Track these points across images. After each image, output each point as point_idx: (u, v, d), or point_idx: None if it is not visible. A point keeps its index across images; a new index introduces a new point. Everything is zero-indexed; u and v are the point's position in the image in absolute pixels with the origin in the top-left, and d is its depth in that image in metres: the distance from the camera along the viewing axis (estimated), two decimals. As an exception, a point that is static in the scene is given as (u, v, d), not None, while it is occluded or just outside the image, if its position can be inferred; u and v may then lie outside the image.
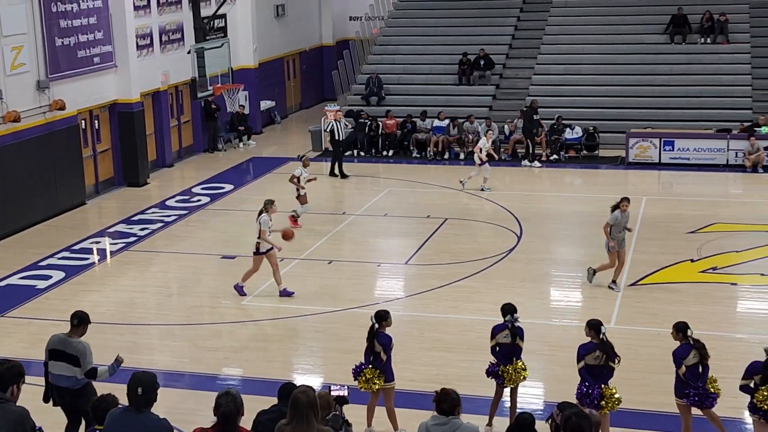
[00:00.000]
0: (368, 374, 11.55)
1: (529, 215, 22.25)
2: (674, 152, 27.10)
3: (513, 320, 11.67)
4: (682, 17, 32.23)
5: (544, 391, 13.50)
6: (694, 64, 31.39)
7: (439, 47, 34.14)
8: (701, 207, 22.67)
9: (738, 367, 12.01)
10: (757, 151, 26.13)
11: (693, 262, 18.58)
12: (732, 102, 29.69)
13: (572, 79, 31.67)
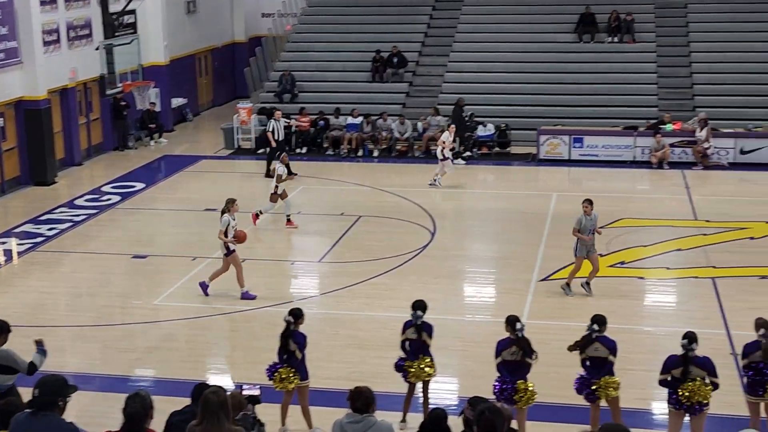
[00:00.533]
0: (283, 373, 11.50)
1: (442, 212, 22.41)
2: (583, 149, 27.57)
3: (417, 317, 11.73)
4: (591, 16, 32.81)
5: (459, 387, 13.61)
6: (602, 62, 31.97)
7: (353, 44, 34.14)
8: (610, 203, 23.06)
9: (645, 360, 12.32)
10: (663, 148, 26.74)
11: (602, 256, 18.86)
12: (638, 100, 30.31)
13: (484, 77, 31.98)
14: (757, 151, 26.76)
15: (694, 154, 26.77)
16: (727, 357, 13.83)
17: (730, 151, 26.89)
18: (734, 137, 27.03)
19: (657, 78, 31.08)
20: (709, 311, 15.96)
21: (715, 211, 22.11)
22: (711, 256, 18.85)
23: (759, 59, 30.97)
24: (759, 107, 29.17)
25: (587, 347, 11.13)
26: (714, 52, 31.62)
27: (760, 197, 23.82)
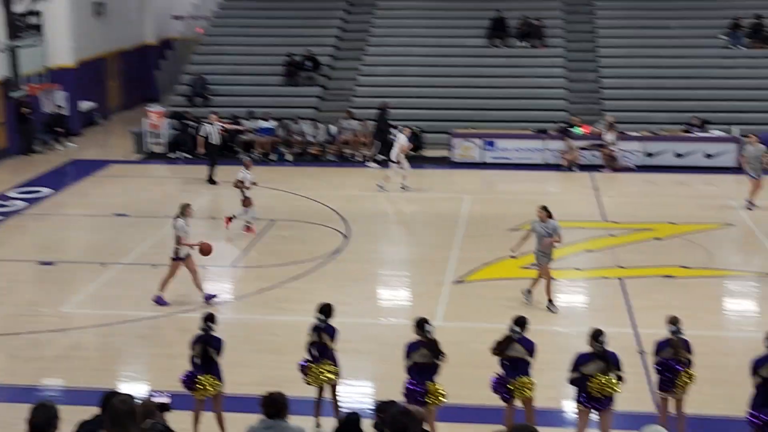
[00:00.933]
0: (206, 381, 11.35)
1: (356, 215, 22.42)
2: (495, 152, 27.90)
3: (320, 320, 11.72)
4: (501, 22, 33.21)
5: (374, 390, 13.61)
6: (512, 67, 32.39)
7: (265, 48, 33.97)
8: (522, 205, 23.34)
9: (557, 359, 12.48)
10: (572, 150, 27.20)
11: (513, 258, 19.12)
12: (548, 104, 30.79)
13: (398, 81, 32.11)
14: (662, 153, 27.42)
15: (602, 157, 27.29)
16: (634, 354, 14.12)
17: (637, 153, 27.48)
18: (640, 140, 27.64)
19: (566, 82, 31.63)
20: (617, 310, 16.28)
21: (623, 213, 22.57)
22: (619, 256, 19.22)
23: (664, 64, 31.75)
24: (664, 111, 29.89)
25: (508, 348, 11.24)
26: (621, 57, 32.31)
27: (665, 199, 24.40)
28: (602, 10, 34.49)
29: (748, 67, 31.60)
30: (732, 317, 16.73)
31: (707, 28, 33.15)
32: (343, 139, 28.78)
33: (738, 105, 30.08)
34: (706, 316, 15.85)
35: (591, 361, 10.79)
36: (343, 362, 12.32)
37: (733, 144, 27.17)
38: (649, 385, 12.99)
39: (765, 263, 18.86)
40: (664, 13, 33.90)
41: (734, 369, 13.40)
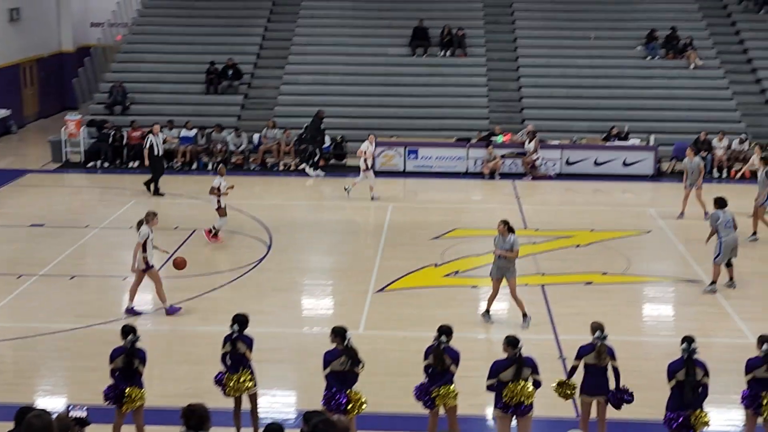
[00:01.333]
0: (133, 394, 11.16)
1: (278, 224, 22.31)
2: (418, 161, 28.03)
3: (234, 330, 11.63)
4: (423, 31, 33.41)
5: (296, 400, 13.55)
6: (435, 75, 32.60)
7: (186, 56, 33.65)
8: (444, 213, 23.54)
9: (480, 367, 12.55)
10: (494, 159, 27.47)
11: (437, 266, 19.24)
12: (470, 112, 31.05)
13: (320, 89, 32.08)
14: (581, 162, 27.84)
15: (523, 165, 27.61)
16: (555, 361, 14.28)
17: (557, 162, 27.87)
18: (560, 149, 28.03)
19: (487, 91, 31.94)
20: (538, 317, 16.44)
21: (544, 221, 22.85)
22: (540, 263, 19.44)
23: (583, 74, 32.28)
24: (583, 120, 30.38)
25: (443, 359, 11.25)
26: (541, 67, 32.75)
27: (585, 206, 24.78)
28: (523, 20, 34.94)
29: (663, 77, 32.29)
30: (649, 322, 17.04)
31: (625, 39, 33.80)
32: (265, 147, 28.63)
33: (654, 114, 30.71)
34: (624, 322, 16.11)
35: (508, 367, 10.88)
36: (265, 372, 12.24)
37: (651, 152, 27.71)
38: (570, 390, 13.14)
39: (681, 269, 19.25)
40: (583, 24, 34.47)
41: (652, 373, 13.64)
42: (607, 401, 11.40)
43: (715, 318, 16.54)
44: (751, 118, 30.79)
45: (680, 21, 34.04)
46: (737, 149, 28.10)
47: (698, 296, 17.61)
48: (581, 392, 11.52)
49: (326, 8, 35.79)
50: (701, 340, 10.89)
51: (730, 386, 12.64)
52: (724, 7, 35.62)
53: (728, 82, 32.00)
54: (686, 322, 16.30)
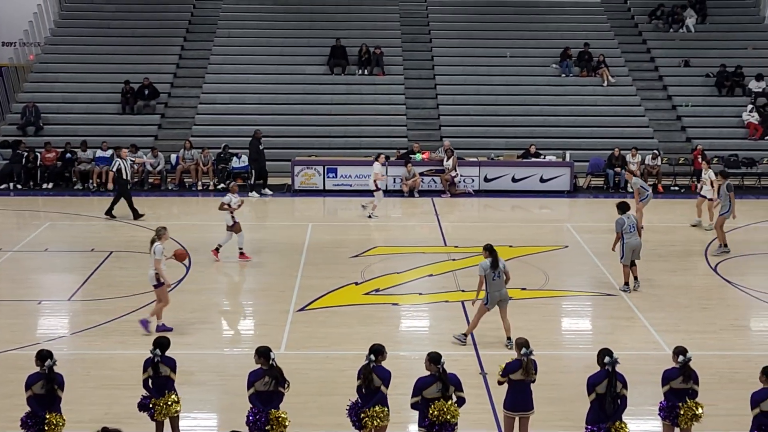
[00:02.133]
0: (54, 420, 10.90)
1: (198, 244, 22.07)
2: (337, 179, 28.05)
3: (155, 354, 11.49)
4: (341, 49, 33.50)
5: (217, 422, 13.38)
6: (353, 94, 32.71)
7: (101, 75, 33.21)
8: (364, 231, 23.56)
9: (401, 384, 12.57)
10: (414, 176, 27.62)
11: (357, 284, 19.23)
12: (389, 130, 31.20)
13: (238, 108, 31.93)
14: (499, 178, 28.16)
15: (442, 183, 27.82)
16: (476, 377, 14.36)
17: (475, 179, 28.14)
18: (478, 165, 28.32)
19: (406, 109, 32.15)
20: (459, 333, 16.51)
21: (463, 237, 23.02)
22: (460, 280, 19.56)
23: (500, 91, 32.72)
24: (500, 137, 30.77)
25: (371, 379, 11.19)
26: (458, 85, 33.10)
27: (503, 222, 25.05)
28: (439, 39, 35.28)
29: (577, 94, 32.89)
30: (568, 336, 17.25)
31: (539, 57, 34.36)
32: (183, 168, 28.36)
33: (569, 131, 31.25)
34: (543, 336, 16.28)
35: (431, 384, 10.90)
36: (185, 394, 12.07)
37: (567, 168, 28.15)
38: (492, 405, 13.24)
39: (598, 283, 19.55)
40: (499, 42, 34.94)
41: (571, 386, 13.82)
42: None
43: (631, 330, 16.82)
44: (662, 133, 31.54)
45: (593, 39, 34.75)
46: (650, 164, 28.71)
47: (615, 309, 17.91)
48: (505, 408, 11.60)
49: (243, 27, 35.70)
50: (618, 353, 11.05)
51: (646, 397, 12.85)
52: (635, 25, 36.47)
53: (640, 98, 32.74)
54: (603, 335, 16.55)
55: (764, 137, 30.94)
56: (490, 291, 15.46)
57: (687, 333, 16.48)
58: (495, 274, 15.35)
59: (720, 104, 32.62)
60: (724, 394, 13.53)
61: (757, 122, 31.17)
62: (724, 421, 12.77)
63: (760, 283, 19.64)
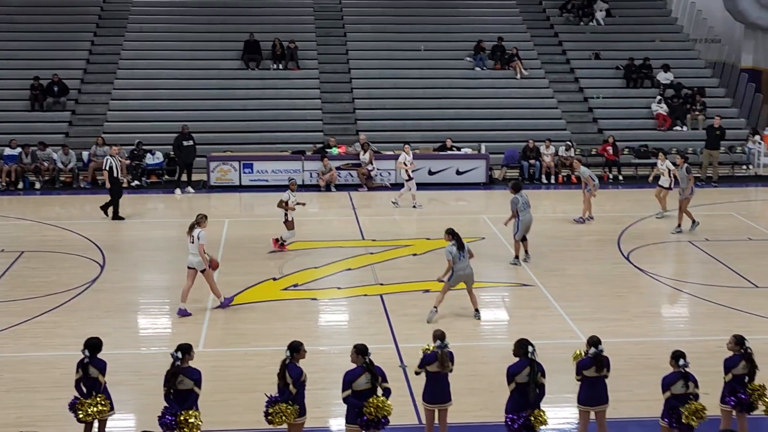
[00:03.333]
0: None
1: (112, 243, 21.73)
2: (254, 174, 27.87)
3: (85, 355, 11.30)
4: (255, 44, 33.26)
5: (136, 422, 13.19)
6: (268, 89, 32.52)
7: (8, 71, 32.43)
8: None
9: (320, 378, 12.57)
10: (330, 171, 27.58)
11: (275, 280, 19.15)
12: (305, 125, 31.10)
13: (151, 104, 31.50)
14: (415, 171, 28.23)
15: (358, 177, 27.83)
16: (396, 369, 14.42)
17: (392, 172, 28.22)
18: (395, 159, 28.37)
19: (321, 103, 32.08)
20: (379, 326, 16.58)
21: (381, 231, 23.08)
22: (378, 273, 19.61)
23: (415, 85, 32.85)
24: (416, 130, 30.90)
25: (281, 373, 11.13)
26: (373, 79, 33.14)
27: (421, 215, 25.17)
28: (354, 33, 35.27)
29: (492, 87, 33.21)
30: (487, 326, 17.41)
31: (454, 50, 34.60)
32: (96, 165, 27.84)
33: (484, 123, 31.54)
34: (462, 327, 16.41)
35: (360, 375, 10.91)
36: (101, 395, 11.85)
37: (482, 161, 28.40)
38: (412, 397, 13.30)
39: (515, 273, 19.77)
40: (413, 36, 35.08)
41: (490, 376, 13.98)
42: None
43: (547, 320, 17.06)
44: (575, 125, 32.04)
45: (506, 32, 35.11)
46: (563, 156, 29.15)
47: (532, 299, 18.15)
48: (423, 401, 11.66)
49: (155, 21, 35.22)
50: (535, 342, 11.19)
51: (563, 385, 13.05)
52: (547, 18, 36.97)
53: (553, 91, 33.21)
54: (521, 325, 16.75)
55: (673, 128, 31.64)
56: (455, 270, 16.59)
57: (602, 321, 16.78)
58: (460, 255, 16.53)
59: (629, 96, 33.27)
60: (639, 380, 13.82)
61: (665, 113, 31.87)
62: (639, 406, 13.05)
63: (671, 270, 20.13)
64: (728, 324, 16.17)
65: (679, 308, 18.37)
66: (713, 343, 15.09)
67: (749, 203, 27.40)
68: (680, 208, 22.96)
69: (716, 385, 11.86)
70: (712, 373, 12.37)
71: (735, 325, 15.75)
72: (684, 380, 11.04)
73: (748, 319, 16.90)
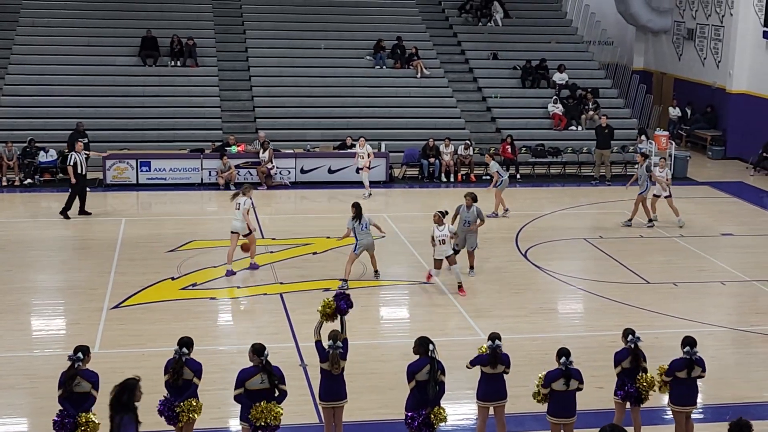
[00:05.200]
0: None
1: (3, 243, 21.16)
2: (151, 173, 27.45)
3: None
4: (152, 40, 32.74)
5: (29, 427, 12.88)
6: (166, 86, 32.03)
7: None
8: (180, 225, 23.16)
9: (221, 378, 12.47)
10: (229, 169, 27.35)
11: (174, 279, 18.91)
12: (203, 123, 30.75)
13: (44, 101, 30.72)
14: (315, 170, 28.27)
15: (258, 175, 27.66)
16: (297, 368, 14.40)
17: (292, 170, 28.14)
18: (295, 157, 28.33)
19: (220, 101, 31.77)
20: (279, 326, 16.53)
21: (281, 229, 23.00)
22: (278, 272, 19.54)
23: (314, 83, 32.77)
24: (316, 128, 30.85)
25: (177, 371, 11.01)
26: (273, 77, 32.95)
27: (321, 214, 25.16)
28: (253, 30, 35.02)
29: (392, 86, 33.35)
30: (386, 325, 17.52)
31: (354, 49, 34.64)
32: (-7, 163, 27.07)
33: (384, 122, 31.65)
34: (362, 326, 16.46)
35: (255, 374, 10.86)
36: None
37: (383, 159, 28.50)
38: (313, 397, 13.29)
39: (414, 272, 19.92)
40: (313, 33, 34.98)
41: (390, 374, 14.06)
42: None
43: (447, 317, 17.24)
44: (474, 124, 32.42)
45: (406, 32, 35.31)
46: (463, 154, 29.46)
47: (431, 297, 18.31)
48: (320, 399, 11.69)
49: (48, 16, 34.34)
50: (435, 340, 11.30)
51: (462, 382, 13.21)
52: (446, 18, 37.30)
53: (452, 90, 33.52)
54: (420, 322, 16.89)
55: (568, 127, 32.28)
56: (359, 239, 18.64)
57: (500, 318, 17.03)
58: (362, 226, 18.58)
59: (526, 96, 33.79)
60: (536, 376, 14.05)
61: (561, 113, 32.48)
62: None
63: (567, 267, 20.54)
64: (621, 319, 16.59)
65: (575, 304, 18.76)
66: (607, 338, 15.48)
67: (641, 201, 28.13)
68: (639, 203, 23.56)
69: (610, 378, 12.16)
70: (605, 367, 12.69)
71: (628, 320, 16.17)
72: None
73: (640, 314, 17.37)
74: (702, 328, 16.70)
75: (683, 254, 21.71)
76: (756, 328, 17.01)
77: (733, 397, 13.96)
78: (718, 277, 19.98)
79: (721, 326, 17.08)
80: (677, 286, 18.76)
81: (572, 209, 25.82)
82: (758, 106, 31.98)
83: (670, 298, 18.31)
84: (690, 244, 22.30)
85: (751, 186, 29.08)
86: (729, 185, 28.86)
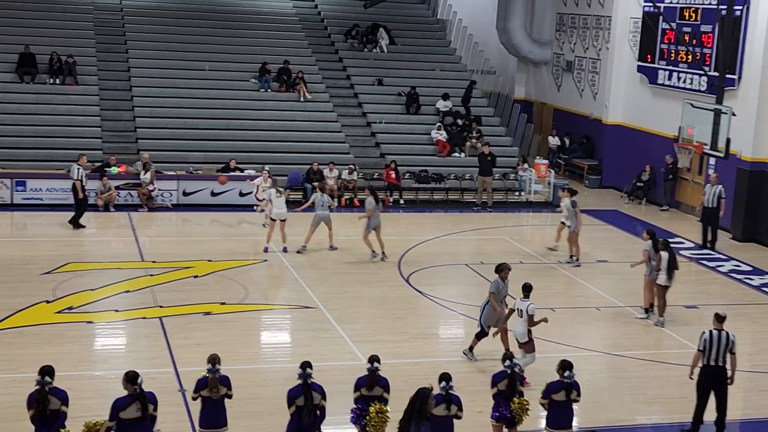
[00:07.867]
0: None
1: None
2: (27, 192, 26.68)
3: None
4: (30, 56, 31.92)
5: None
6: (44, 104, 31.21)
7: None
8: (56, 247, 22.55)
9: (97, 405, 12.15)
10: (109, 190, 26.79)
11: (48, 303, 18.38)
12: (83, 143, 30.00)
13: None
14: (198, 192, 27.92)
15: (139, 197, 27.17)
16: (175, 394, 14.15)
17: (174, 192, 27.74)
18: (177, 179, 27.93)
19: (101, 121, 31.12)
20: (157, 350, 16.22)
21: (161, 252, 22.62)
22: (158, 295, 19.19)
23: (199, 105, 32.42)
24: (199, 151, 30.49)
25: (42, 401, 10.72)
26: (156, 97, 32.47)
27: (202, 237, 24.87)
28: (136, 50, 34.47)
29: (276, 110, 33.26)
30: (267, 350, 17.38)
31: (239, 71, 34.44)
32: None
33: (269, 145, 31.50)
34: (243, 351, 16.32)
35: (129, 404, 10.63)
36: None
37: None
38: (191, 422, 13.08)
39: (296, 296, 19.84)
40: (198, 55, 34.65)
41: (271, 399, 13.95)
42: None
43: (328, 342, 17.20)
44: (358, 149, 32.56)
45: (292, 55, 35.29)
46: (347, 179, 29.55)
47: (313, 321, 18.25)
48: (200, 426, 11.53)
49: None
50: (316, 365, 11.27)
51: (343, 407, 13.17)
52: (332, 44, 37.44)
53: (337, 114, 33.62)
54: (302, 347, 16.81)
55: (451, 154, 32.72)
56: (317, 212, 22.70)
57: (382, 342, 17.09)
58: (322, 202, 22.77)
59: (410, 122, 34.13)
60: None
61: (444, 140, 32.91)
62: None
63: (448, 292, 20.75)
64: (500, 344, 16.81)
65: (455, 329, 18.95)
66: (486, 363, 15.68)
67: (521, 228, 28.71)
68: (571, 241, 23.32)
69: (489, 402, 12.32)
70: (484, 391, 12.84)
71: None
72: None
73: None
74: (578, 352, 17.08)
75: (560, 280, 22.21)
76: (628, 352, 17.50)
77: (607, 420, 14.31)
78: (593, 303, 20.50)
79: (596, 350, 17.51)
80: (554, 311, 19.17)
81: (454, 235, 26.14)
82: (632, 138, 33.02)
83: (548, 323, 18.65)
84: (567, 271, 22.82)
85: (625, 214, 29.96)
86: (604, 213, 29.67)
